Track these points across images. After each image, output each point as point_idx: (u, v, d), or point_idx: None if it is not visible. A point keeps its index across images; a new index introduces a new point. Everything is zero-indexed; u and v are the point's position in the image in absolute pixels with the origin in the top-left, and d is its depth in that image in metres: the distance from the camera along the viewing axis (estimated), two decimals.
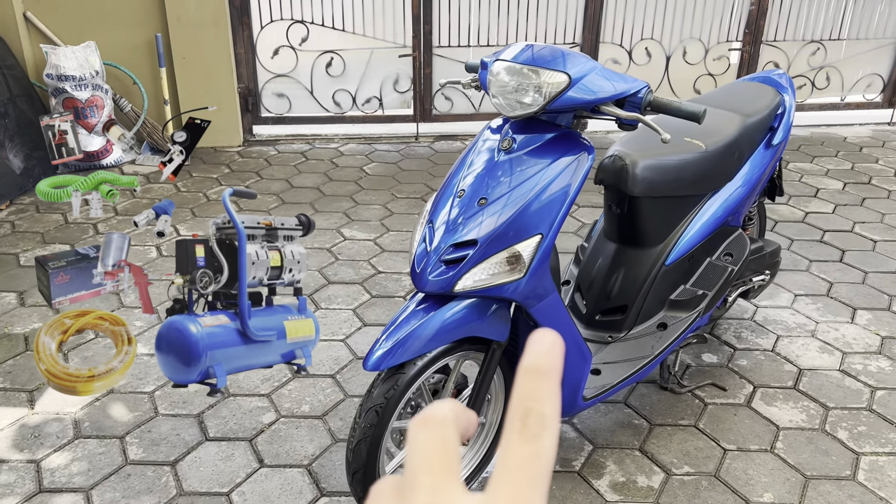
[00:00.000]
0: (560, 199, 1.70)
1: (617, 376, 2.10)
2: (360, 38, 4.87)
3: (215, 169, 4.61)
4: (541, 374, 0.33)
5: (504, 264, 1.68)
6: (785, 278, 3.26)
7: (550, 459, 0.32)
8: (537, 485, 0.32)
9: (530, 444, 0.32)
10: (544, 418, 0.33)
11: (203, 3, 4.53)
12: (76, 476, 2.16)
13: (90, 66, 4.39)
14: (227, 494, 2.10)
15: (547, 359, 0.34)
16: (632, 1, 4.96)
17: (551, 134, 1.76)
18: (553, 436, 0.33)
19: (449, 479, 0.33)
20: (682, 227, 2.24)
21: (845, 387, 2.55)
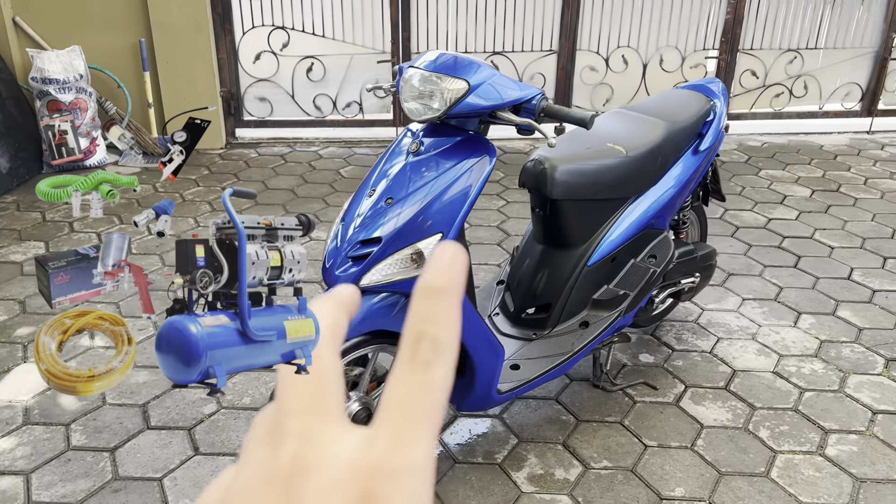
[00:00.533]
0: (461, 200, 1.78)
1: (534, 371, 2.17)
2: (340, 43, 4.98)
3: (195, 171, 4.72)
4: (438, 293, 0.30)
5: (408, 261, 1.76)
6: (735, 283, 3.32)
7: (443, 390, 0.28)
8: (426, 419, 0.28)
9: (420, 373, 0.28)
10: (438, 343, 0.29)
11: (186, 9, 4.66)
12: (19, 460, 2.26)
13: (74, 70, 4.52)
14: (159, 480, 2.19)
15: (446, 274, 0.30)
16: (608, 9, 5.04)
17: (458, 138, 1.84)
18: (448, 364, 0.29)
19: (323, 418, 0.29)
20: (605, 229, 2.31)
21: (775, 388, 2.61)
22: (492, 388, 2.06)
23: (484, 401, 2.09)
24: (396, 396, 0.28)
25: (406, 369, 0.28)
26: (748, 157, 4.97)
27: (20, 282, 3.30)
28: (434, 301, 0.30)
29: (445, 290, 0.30)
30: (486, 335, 1.98)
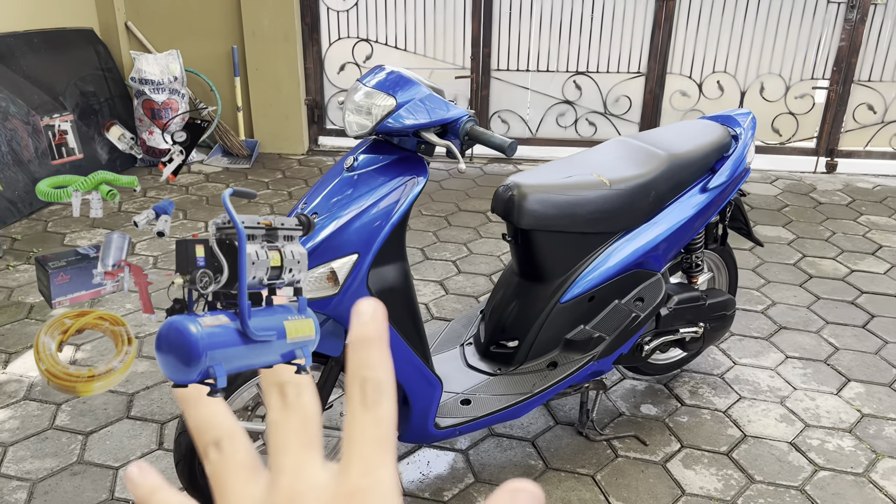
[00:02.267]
0: (382, 220, 1.70)
1: (484, 409, 2.04)
2: (421, 57, 4.99)
3: (270, 174, 4.90)
4: (368, 342, 0.35)
5: (324, 279, 1.71)
6: (784, 337, 2.98)
7: (392, 423, 0.34)
8: (384, 448, 0.33)
9: (371, 412, 0.34)
10: (380, 384, 0.34)
11: (277, 19, 4.86)
12: (4, 432, 2.41)
13: (170, 72, 4.83)
14: (116, 469, 2.26)
15: (371, 326, 0.36)
16: (703, 31, 4.73)
17: (393, 156, 1.77)
18: (391, 400, 0.35)
19: (309, 452, 0.35)
20: (583, 265, 2.13)
21: (786, 461, 2.30)
22: (428, 422, 1.95)
23: (421, 434, 1.98)
24: (357, 433, 0.34)
25: (359, 409, 0.34)
26: (852, 199, 4.48)
27: None
28: (367, 350, 0.35)
29: (374, 338, 0.35)
30: (420, 368, 1.88)
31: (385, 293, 1.77)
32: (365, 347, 0.35)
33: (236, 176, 4.86)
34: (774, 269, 3.57)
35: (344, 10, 4.98)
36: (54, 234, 3.95)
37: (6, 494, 2.14)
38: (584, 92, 4.96)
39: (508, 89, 5.01)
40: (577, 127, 5.07)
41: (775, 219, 4.19)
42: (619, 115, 5.00)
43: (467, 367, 2.21)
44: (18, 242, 3.84)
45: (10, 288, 3.33)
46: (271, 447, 0.35)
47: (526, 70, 4.95)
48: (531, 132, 5.11)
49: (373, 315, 0.36)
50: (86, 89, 4.75)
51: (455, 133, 1.69)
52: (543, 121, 5.08)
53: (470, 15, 4.85)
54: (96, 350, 2.86)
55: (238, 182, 4.74)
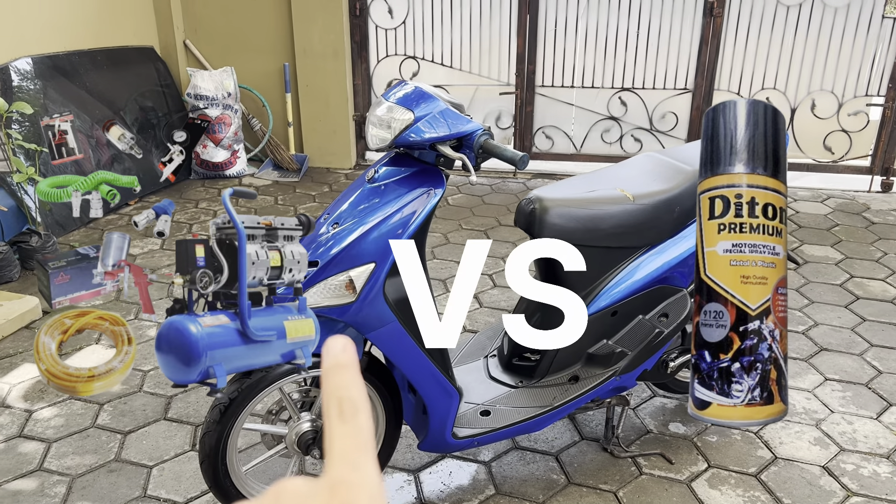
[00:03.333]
0: (401, 229, 1.75)
1: (503, 421, 2.05)
2: (467, 74, 5.06)
3: (318, 187, 5.02)
4: (342, 368, 0.39)
5: (343, 287, 1.76)
6: (824, 359, 2.91)
7: (370, 433, 0.37)
8: (366, 450, 0.37)
9: (349, 424, 0.37)
10: (354, 401, 0.38)
11: (327, 36, 4.99)
12: (50, 429, 2.53)
13: (224, 88, 5.01)
14: (150, 468, 2.35)
15: (344, 355, 0.40)
16: (752, 47, 4.66)
17: (413, 169, 1.81)
18: (366, 414, 0.38)
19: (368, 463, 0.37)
20: (606, 279, 2.13)
21: (817, 485, 2.24)
22: (445, 432, 1.98)
23: (438, 443, 2.00)
24: (338, 442, 0.37)
25: (337, 423, 0.37)
26: None
27: None
28: (340, 374, 0.39)
29: (347, 365, 0.39)
30: (437, 377, 1.90)
31: (402, 302, 1.81)
32: (338, 373, 0.39)
33: (285, 189, 5.00)
34: (819, 290, 3.48)
35: (392, 29, 5.08)
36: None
37: (47, 488, 2.25)
38: (630, 108, 4.94)
39: (553, 105, 5.02)
40: (622, 143, 5.04)
41: (824, 238, 4.08)
42: (666, 132, 4.95)
43: (489, 379, 2.23)
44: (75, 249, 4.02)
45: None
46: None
47: (571, 86, 4.96)
48: (575, 148, 5.10)
49: (343, 348, 0.40)
50: (145, 104, 4.96)
51: (470, 146, 1.73)
52: (588, 137, 5.07)
53: (515, 32, 4.89)
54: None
55: (286, 195, 4.87)
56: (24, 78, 4.13)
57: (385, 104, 1.83)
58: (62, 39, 4.48)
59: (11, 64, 4.07)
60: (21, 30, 4.20)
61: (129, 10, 4.97)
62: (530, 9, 4.80)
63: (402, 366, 1.85)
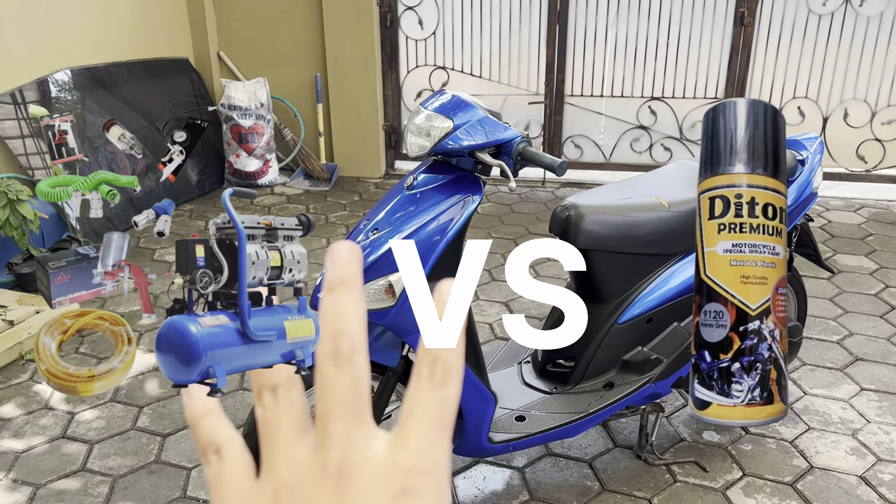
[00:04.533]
0: (438, 236, 1.78)
1: (538, 427, 2.06)
2: (496, 84, 5.09)
3: (348, 196, 5.07)
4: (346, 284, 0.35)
5: (382, 292, 1.79)
6: (860, 369, 2.88)
7: (455, 405, 0.34)
8: (443, 429, 0.33)
9: (438, 392, 0.33)
10: (450, 366, 0.34)
11: (358, 47, 5.06)
12: (92, 430, 2.59)
13: (257, 99, 5.09)
14: (189, 469, 2.39)
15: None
16: (783, 55, 4.64)
17: (451, 176, 1.84)
18: (458, 383, 0.34)
19: (360, 421, 0.34)
20: (641, 286, 2.14)
21: (854, 495, 2.22)
22: (481, 437, 2.00)
23: (474, 448, 2.02)
24: (419, 408, 0.33)
25: (426, 386, 0.34)
26: None
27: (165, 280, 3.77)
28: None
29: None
30: (474, 382, 1.93)
31: None
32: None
33: (316, 198, 5.06)
34: (854, 300, 3.45)
35: (422, 39, 5.14)
36: (145, 249, 4.21)
37: (90, 488, 2.30)
38: (660, 117, 4.94)
39: (582, 114, 5.04)
40: (651, 152, 5.04)
41: (858, 248, 4.04)
42: (695, 141, 4.94)
43: (524, 385, 2.25)
44: None
45: (104, 298, 3.57)
46: (319, 413, 0.34)
47: (600, 95, 4.98)
48: (605, 157, 5.11)
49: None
50: (180, 115, 5.06)
51: (508, 153, 1.76)
52: (617, 146, 5.07)
53: (545, 41, 4.92)
54: None
55: (317, 204, 4.93)
56: (62, 89, 4.24)
57: (424, 112, 1.87)
58: (101, 51, 4.59)
59: (51, 76, 4.18)
60: (61, 42, 4.31)
61: (165, 23, 5.08)
62: (560, 18, 4.82)
63: None
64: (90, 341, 3.15)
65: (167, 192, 4.80)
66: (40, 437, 2.55)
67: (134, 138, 4.58)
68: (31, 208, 3.53)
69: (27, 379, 2.90)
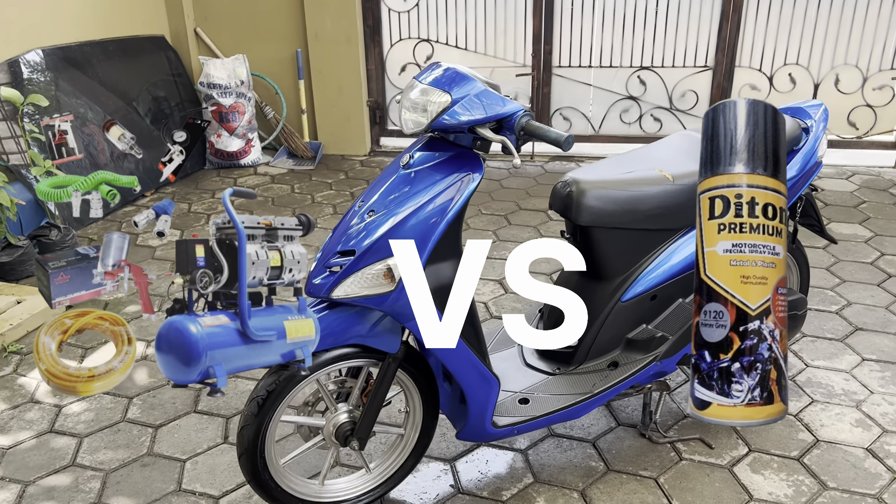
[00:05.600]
0: (437, 217, 1.70)
1: (542, 409, 2.01)
2: (482, 56, 4.98)
3: (333, 174, 4.97)
4: None
5: (381, 276, 1.71)
6: (860, 339, 2.85)
7: None
8: None
9: None
10: None
11: (339, 21, 4.92)
12: (80, 424, 2.51)
13: (237, 76, 4.95)
14: (183, 461, 2.32)
15: None
16: (774, 22, 4.56)
17: (449, 153, 1.76)
18: None
19: None
20: (645, 262, 2.08)
21: (862, 468, 2.20)
22: (485, 421, 1.94)
23: (478, 433, 1.97)
24: None
25: None
26: None
27: (149, 264, 3.66)
28: None
29: None
30: (477, 366, 1.86)
31: (441, 290, 1.77)
32: None
33: (300, 177, 4.95)
34: (850, 268, 3.42)
35: (405, 11, 5.01)
36: (128, 234, 4.09)
37: (81, 483, 2.23)
38: (649, 87, 4.86)
39: (570, 86, 4.95)
40: (641, 123, 4.97)
41: (851, 216, 4.02)
42: (686, 111, 4.88)
43: (525, 366, 2.19)
44: (95, 243, 3.99)
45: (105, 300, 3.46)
46: None
47: (588, 66, 4.89)
48: (594, 129, 5.04)
49: None
50: (157, 94, 4.91)
51: (510, 128, 1.68)
52: (606, 117, 5.00)
53: (531, 11, 4.81)
54: None
55: (302, 183, 4.82)
56: (34, 70, 4.09)
57: (419, 87, 1.78)
58: (72, 30, 4.43)
59: (22, 56, 4.03)
60: (31, 22, 4.15)
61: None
62: None
63: (442, 355, 1.81)
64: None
65: (147, 174, 4.67)
66: (27, 431, 2.47)
67: (134, 138, 4.46)
68: (7, 195, 3.41)
69: (11, 371, 2.81)
